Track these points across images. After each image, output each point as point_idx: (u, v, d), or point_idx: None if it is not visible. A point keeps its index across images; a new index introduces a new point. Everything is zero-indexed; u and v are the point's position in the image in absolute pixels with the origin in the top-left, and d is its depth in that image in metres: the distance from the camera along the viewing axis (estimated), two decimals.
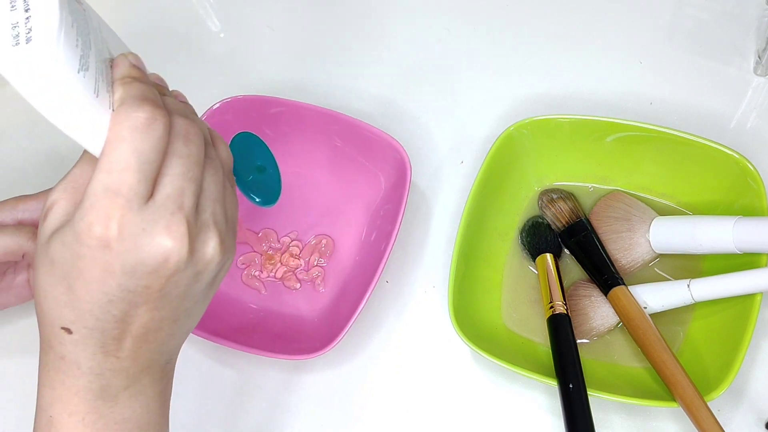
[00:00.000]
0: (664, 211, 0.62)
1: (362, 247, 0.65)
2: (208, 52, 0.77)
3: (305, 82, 0.74)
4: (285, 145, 0.67)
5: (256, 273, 0.66)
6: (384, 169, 0.65)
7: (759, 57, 0.68)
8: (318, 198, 0.68)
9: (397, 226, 0.59)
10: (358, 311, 0.58)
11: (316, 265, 0.65)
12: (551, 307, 0.58)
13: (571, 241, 0.61)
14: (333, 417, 0.61)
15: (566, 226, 0.62)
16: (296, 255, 0.66)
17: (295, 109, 0.66)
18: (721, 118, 0.67)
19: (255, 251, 0.66)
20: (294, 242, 0.66)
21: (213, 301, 0.61)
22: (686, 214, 0.62)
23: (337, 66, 0.74)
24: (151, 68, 0.75)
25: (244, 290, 0.65)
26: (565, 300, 0.59)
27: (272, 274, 0.65)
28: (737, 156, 0.59)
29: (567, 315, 0.58)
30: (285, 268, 0.65)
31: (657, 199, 0.63)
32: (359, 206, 0.67)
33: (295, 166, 0.68)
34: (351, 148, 0.66)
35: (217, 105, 0.65)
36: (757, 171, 0.58)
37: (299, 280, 0.65)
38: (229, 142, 0.47)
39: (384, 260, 0.58)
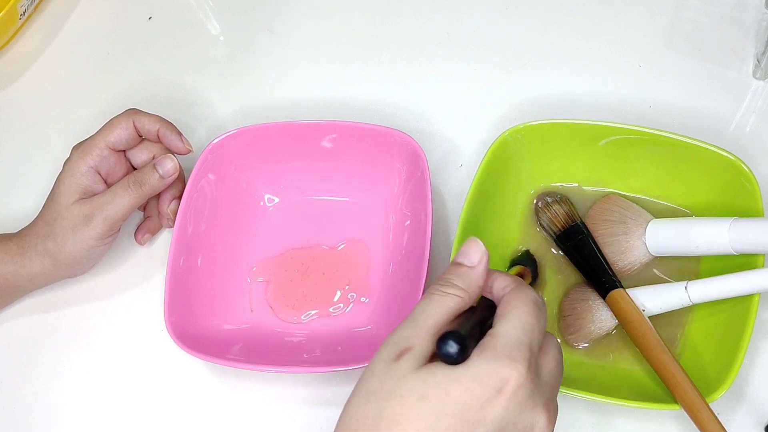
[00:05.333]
0: (659, 214, 0.62)
1: (393, 246, 0.65)
2: (208, 55, 0.77)
3: (304, 85, 0.74)
4: (290, 163, 0.67)
5: (289, 312, 0.65)
6: (394, 165, 0.65)
7: (758, 60, 0.68)
8: (334, 210, 0.67)
9: (429, 226, 0.59)
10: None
11: (350, 284, 0.65)
12: None
13: (568, 245, 0.61)
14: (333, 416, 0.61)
15: (562, 230, 0.62)
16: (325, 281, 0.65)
17: (291, 129, 0.65)
18: (720, 122, 0.67)
19: (268, 280, 0.66)
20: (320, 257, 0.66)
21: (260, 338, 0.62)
22: (682, 216, 0.62)
23: (337, 69, 0.75)
24: (151, 71, 0.77)
25: (284, 325, 0.65)
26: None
27: (308, 316, 0.64)
28: (732, 157, 0.58)
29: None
30: (318, 310, 0.64)
31: (653, 199, 0.63)
32: (379, 208, 0.66)
33: (305, 181, 0.68)
34: (356, 152, 0.66)
35: (217, 140, 0.65)
36: (751, 172, 0.58)
37: (339, 303, 0.64)
38: None
39: (426, 264, 0.58)
